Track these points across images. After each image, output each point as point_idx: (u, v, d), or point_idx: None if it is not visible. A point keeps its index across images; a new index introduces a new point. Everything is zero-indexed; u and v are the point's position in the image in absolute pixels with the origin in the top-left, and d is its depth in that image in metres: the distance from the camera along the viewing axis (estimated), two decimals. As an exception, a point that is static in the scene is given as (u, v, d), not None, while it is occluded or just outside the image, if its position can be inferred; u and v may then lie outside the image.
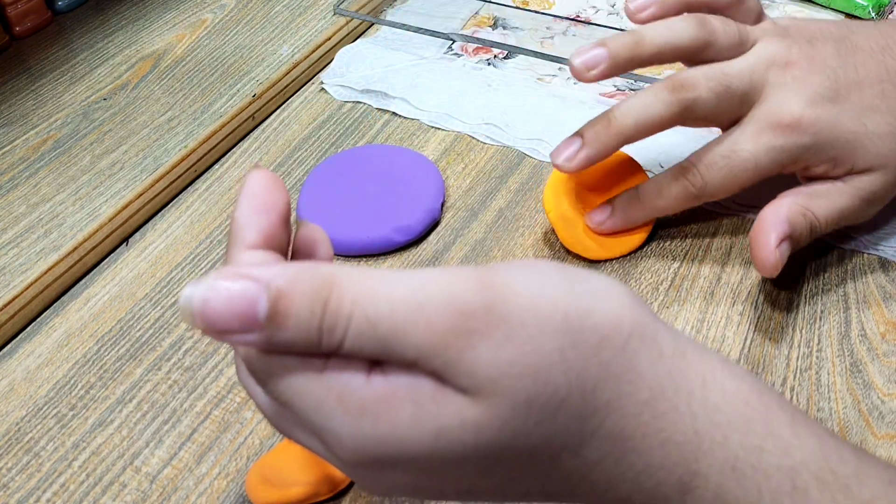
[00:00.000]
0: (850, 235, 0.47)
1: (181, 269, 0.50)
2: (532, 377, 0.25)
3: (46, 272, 0.48)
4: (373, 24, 0.67)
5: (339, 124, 0.58)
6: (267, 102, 0.60)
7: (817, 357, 0.42)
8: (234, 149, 0.58)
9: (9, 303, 0.47)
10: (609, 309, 0.26)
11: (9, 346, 0.46)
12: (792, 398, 0.41)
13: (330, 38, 0.65)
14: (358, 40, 0.66)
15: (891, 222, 0.47)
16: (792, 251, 0.42)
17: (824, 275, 0.46)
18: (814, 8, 0.65)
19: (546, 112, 0.57)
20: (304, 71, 0.63)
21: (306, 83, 0.63)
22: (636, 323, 0.26)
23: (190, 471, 0.40)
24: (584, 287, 0.26)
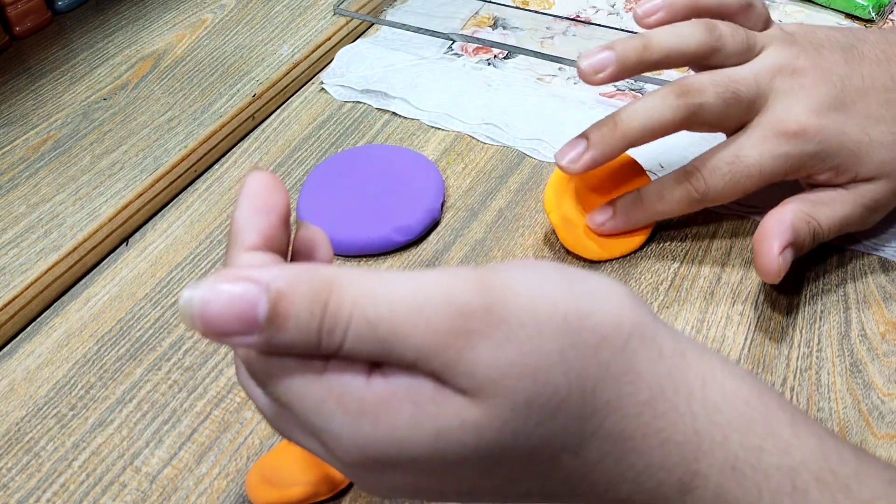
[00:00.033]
0: (851, 236, 0.47)
1: (181, 269, 0.50)
2: (532, 377, 0.25)
3: (46, 272, 0.48)
4: (373, 24, 0.67)
5: (339, 124, 0.58)
6: (267, 102, 0.60)
7: (817, 357, 0.42)
8: (234, 149, 0.58)
9: (9, 303, 0.47)
10: (609, 309, 0.26)
11: (9, 346, 0.46)
12: (792, 398, 0.41)
13: (330, 38, 0.65)
14: (358, 40, 0.66)
15: (891, 223, 0.47)
16: (794, 258, 0.42)
17: (824, 275, 0.46)
18: (814, 8, 0.65)
19: (546, 112, 0.57)
20: (304, 71, 0.63)
21: (306, 83, 0.63)
22: (636, 323, 0.26)
23: (190, 471, 0.40)
24: (584, 287, 0.26)
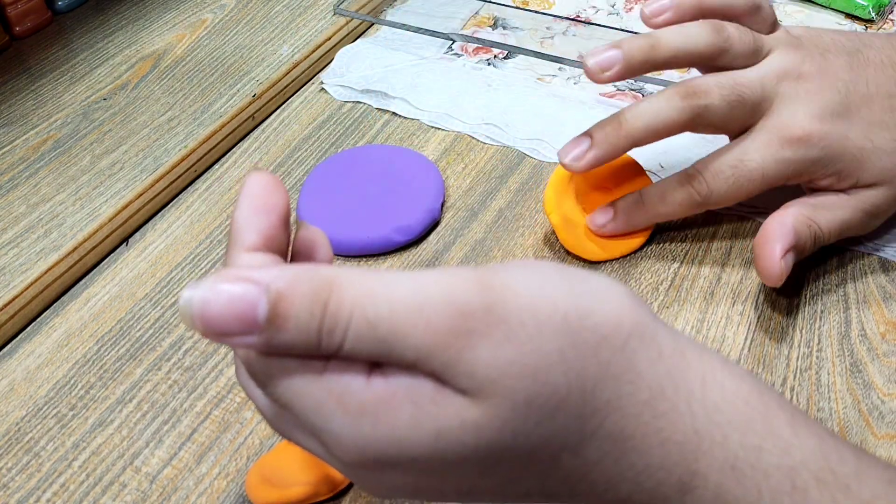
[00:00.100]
0: (851, 237, 0.47)
1: (181, 269, 0.50)
2: (531, 377, 0.25)
3: (46, 272, 0.48)
4: (373, 24, 0.67)
5: (339, 124, 0.58)
6: (267, 102, 0.60)
7: (817, 357, 0.42)
8: (234, 149, 0.58)
9: (9, 303, 0.47)
10: (609, 309, 0.26)
11: (9, 346, 0.46)
12: (792, 398, 0.41)
13: (330, 38, 0.65)
14: (358, 40, 0.66)
15: (891, 224, 0.47)
16: (795, 261, 0.42)
17: (824, 275, 0.46)
18: (813, 8, 0.65)
19: (546, 112, 0.57)
20: (304, 71, 0.63)
21: (306, 83, 0.63)
22: (636, 323, 0.26)
23: (190, 471, 0.40)
24: (584, 287, 0.26)
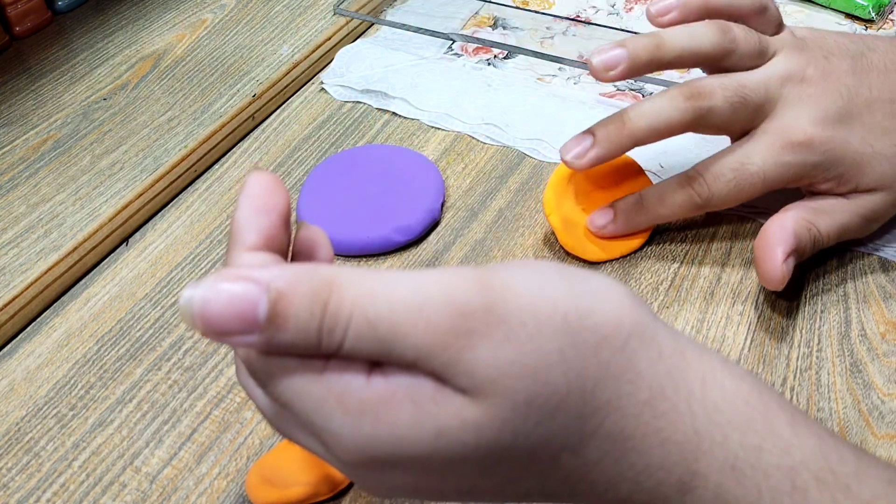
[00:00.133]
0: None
1: (181, 269, 0.50)
2: (531, 377, 0.25)
3: (46, 272, 0.48)
4: (373, 24, 0.67)
5: (339, 124, 0.58)
6: (267, 102, 0.60)
7: (817, 357, 0.42)
8: (234, 149, 0.58)
9: (9, 303, 0.47)
10: (609, 309, 0.26)
11: (9, 346, 0.46)
12: (792, 398, 0.41)
13: (330, 38, 0.65)
14: (358, 40, 0.66)
15: (891, 224, 0.47)
16: (795, 264, 0.42)
17: (824, 275, 0.46)
18: (814, 8, 0.65)
19: (546, 112, 0.57)
20: (304, 71, 0.63)
21: (306, 83, 0.63)
22: (636, 323, 0.26)
23: (190, 471, 0.40)
24: (584, 287, 0.26)
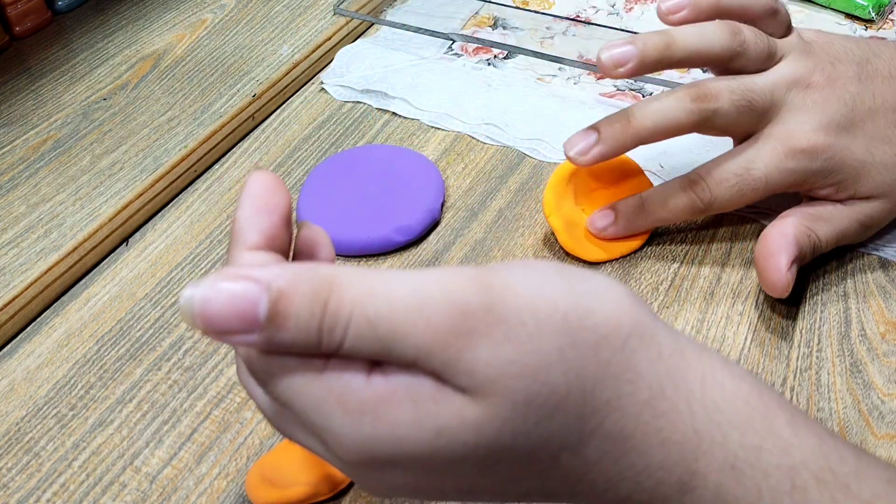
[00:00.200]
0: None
1: (181, 269, 0.50)
2: (531, 377, 0.25)
3: (46, 272, 0.48)
4: (373, 24, 0.67)
5: (339, 124, 0.58)
6: (267, 102, 0.60)
7: (817, 357, 0.42)
8: (234, 149, 0.58)
9: (9, 303, 0.47)
10: (608, 309, 0.26)
11: (9, 346, 0.46)
12: (792, 398, 0.41)
13: (330, 38, 0.65)
14: (358, 40, 0.66)
15: (891, 225, 0.47)
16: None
17: (824, 275, 0.46)
18: (814, 8, 0.65)
19: (546, 112, 0.57)
20: (304, 71, 0.63)
21: (306, 83, 0.63)
22: (635, 322, 0.26)
23: (190, 471, 0.40)
24: (584, 287, 0.26)
